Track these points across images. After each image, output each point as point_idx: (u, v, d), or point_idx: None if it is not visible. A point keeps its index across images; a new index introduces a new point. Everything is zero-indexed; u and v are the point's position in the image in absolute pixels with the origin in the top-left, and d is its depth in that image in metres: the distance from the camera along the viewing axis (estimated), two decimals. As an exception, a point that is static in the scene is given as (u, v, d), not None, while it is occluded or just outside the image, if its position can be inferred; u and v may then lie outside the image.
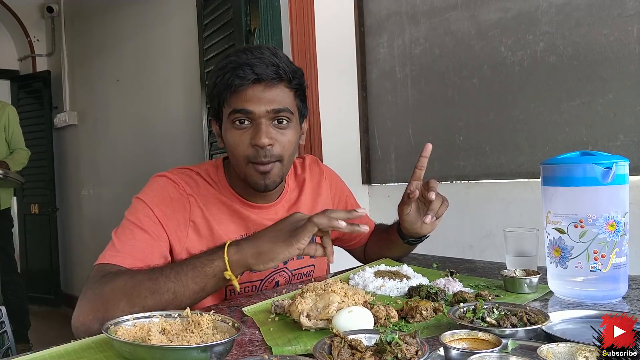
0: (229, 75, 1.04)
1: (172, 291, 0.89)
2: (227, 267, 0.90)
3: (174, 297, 0.89)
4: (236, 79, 1.03)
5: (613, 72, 1.68)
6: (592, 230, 0.90)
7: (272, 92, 1.05)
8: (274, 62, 1.05)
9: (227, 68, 1.05)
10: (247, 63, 1.03)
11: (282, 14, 2.32)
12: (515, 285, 1.00)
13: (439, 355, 0.66)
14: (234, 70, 1.04)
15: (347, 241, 1.46)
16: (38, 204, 4.86)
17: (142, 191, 1.11)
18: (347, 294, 0.85)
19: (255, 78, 1.03)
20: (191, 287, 0.90)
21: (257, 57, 1.04)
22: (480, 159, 2.06)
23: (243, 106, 1.04)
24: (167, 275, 0.90)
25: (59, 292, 4.91)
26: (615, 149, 1.66)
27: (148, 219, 1.05)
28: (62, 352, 0.75)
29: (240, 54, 1.06)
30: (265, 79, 1.04)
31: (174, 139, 3.40)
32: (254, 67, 1.03)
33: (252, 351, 0.75)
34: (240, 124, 1.06)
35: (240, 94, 1.04)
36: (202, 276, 0.90)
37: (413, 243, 1.30)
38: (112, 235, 1.05)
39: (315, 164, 1.38)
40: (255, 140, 1.04)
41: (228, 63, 1.06)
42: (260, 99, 1.04)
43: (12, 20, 4.96)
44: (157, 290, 0.89)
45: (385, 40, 2.44)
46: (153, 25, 3.56)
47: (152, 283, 0.90)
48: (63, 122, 4.68)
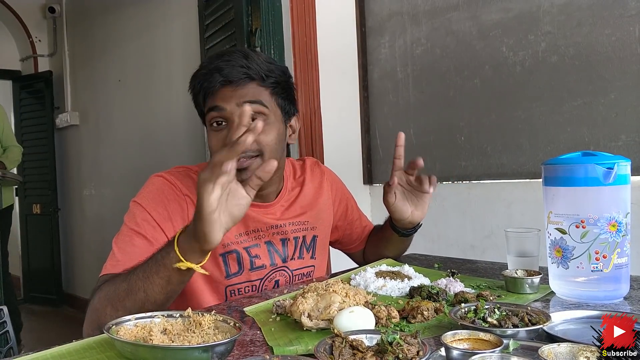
0: (199, 80, 1.09)
1: (143, 289, 0.88)
2: (180, 257, 0.85)
3: (145, 295, 0.88)
4: (205, 82, 1.07)
5: (615, 72, 1.68)
6: (593, 230, 0.90)
7: (242, 90, 1.07)
8: (243, 64, 1.07)
9: (199, 75, 1.10)
10: (216, 68, 1.07)
11: (283, 14, 2.32)
12: (517, 286, 1.00)
13: (440, 355, 0.66)
14: (204, 76, 1.08)
15: (346, 244, 1.47)
16: (40, 204, 4.87)
17: (139, 193, 1.11)
18: (348, 294, 0.85)
19: (221, 80, 1.06)
20: (157, 282, 0.88)
21: (226, 60, 1.07)
22: (482, 159, 2.06)
23: (216, 103, 1.07)
24: (137, 274, 0.90)
25: (61, 292, 4.92)
26: (617, 149, 1.66)
27: (146, 222, 1.06)
28: (64, 351, 0.75)
29: (212, 59, 1.10)
30: (233, 80, 1.06)
31: (175, 139, 3.40)
32: (221, 70, 1.06)
33: (254, 351, 0.75)
34: (217, 125, 1.08)
35: (215, 95, 1.08)
36: (164, 269, 0.87)
37: (407, 234, 1.29)
38: (113, 244, 1.06)
39: (316, 165, 1.39)
40: (229, 137, 1.01)
41: (200, 69, 1.11)
42: (230, 97, 1.07)
43: (14, 20, 4.97)
44: (131, 290, 0.89)
45: (386, 40, 2.44)
46: (154, 26, 3.56)
47: (126, 284, 0.90)
48: (65, 123, 4.68)
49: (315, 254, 1.29)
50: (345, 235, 1.44)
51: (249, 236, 1.18)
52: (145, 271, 0.89)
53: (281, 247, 1.22)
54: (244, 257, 1.16)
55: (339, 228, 1.42)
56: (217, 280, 1.16)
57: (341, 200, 1.41)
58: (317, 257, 1.30)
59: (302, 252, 1.26)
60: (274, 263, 1.20)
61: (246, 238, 1.17)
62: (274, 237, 1.21)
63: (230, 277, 1.16)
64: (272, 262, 1.20)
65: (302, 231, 1.26)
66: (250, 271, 1.17)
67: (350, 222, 1.43)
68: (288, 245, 1.23)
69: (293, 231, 1.24)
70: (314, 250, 1.29)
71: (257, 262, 1.18)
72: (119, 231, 1.07)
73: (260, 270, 1.19)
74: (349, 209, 1.43)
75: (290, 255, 1.24)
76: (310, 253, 1.28)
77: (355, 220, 1.44)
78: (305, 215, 1.27)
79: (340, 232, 1.42)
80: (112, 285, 0.93)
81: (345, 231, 1.43)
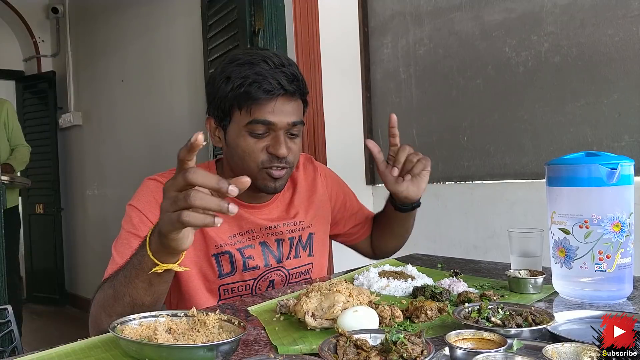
0: (256, 86, 1.04)
1: (128, 294, 0.87)
2: (155, 261, 0.81)
3: (131, 299, 0.87)
4: (261, 92, 1.04)
5: (618, 73, 1.68)
6: (597, 230, 0.90)
7: (291, 105, 1.08)
8: (297, 77, 1.08)
9: (250, 77, 1.04)
10: (272, 75, 1.04)
11: (286, 15, 2.32)
12: (520, 286, 1.00)
13: (444, 354, 0.67)
14: (259, 82, 1.03)
15: (351, 235, 1.44)
16: (43, 204, 4.88)
17: (134, 197, 1.12)
18: (352, 293, 0.85)
19: (281, 93, 1.05)
20: (140, 286, 0.86)
21: (279, 68, 1.05)
22: (485, 160, 2.06)
23: (266, 117, 1.06)
24: (119, 279, 0.89)
25: (64, 292, 4.93)
26: (620, 149, 1.66)
27: (142, 224, 1.07)
28: (69, 350, 0.76)
29: (261, 62, 1.05)
30: (287, 94, 1.06)
31: (178, 139, 3.40)
32: (280, 80, 1.04)
33: (258, 350, 0.76)
34: (258, 132, 1.07)
35: (263, 106, 1.05)
36: (142, 273, 0.84)
37: (404, 210, 1.27)
38: (112, 249, 1.06)
39: (308, 162, 1.37)
40: (275, 150, 1.07)
41: (250, 70, 1.04)
42: (281, 112, 1.06)
43: (17, 21, 4.98)
44: (117, 296, 0.88)
45: (389, 40, 2.44)
46: (158, 26, 3.57)
47: (113, 290, 0.89)
48: (68, 123, 4.69)
49: (313, 252, 1.28)
50: (348, 228, 1.42)
51: (243, 237, 1.17)
52: (126, 276, 0.87)
53: (276, 248, 1.21)
54: (236, 258, 1.16)
55: (340, 221, 1.40)
56: (210, 279, 1.16)
57: (337, 193, 1.39)
58: (315, 254, 1.29)
59: (299, 251, 1.25)
60: (268, 264, 1.20)
61: (240, 239, 1.17)
62: (268, 237, 1.20)
63: (223, 277, 1.16)
64: (266, 262, 1.19)
65: (297, 231, 1.25)
66: (243, 272, 1.17)
67: (352, 214, 1.41)
68: (283, 246, 1.22)
69: (288, 232, 1.23)
70: (311, 247, 1.28)
71: (251, 263, 1.17)
72: (118, 236, 1.08)
73: (254, 270, 1.18)
74: (348, 201, 1.41)
75: (285, 255, 1.23)
76: (307, 251, 1.27)
77: (357, 212, 1.43)
78: (300, 214, 1.26)
79: (342, 225, 1.40)
80: (103, 291, 0.94)
81: (346, 224, 1.41)
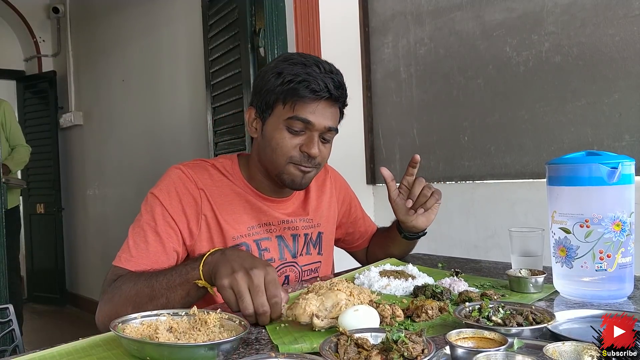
0: (304, 84, 1.08)
1: (165, 297, 0.96)
2: (201, 276, 0.94)
3: (166, 302, 0.96)
4: (308, 92, 1.07)
5: (618, 72, 1.68)
6: (597, 230, 0.90)
7: (331, 110, 1.12)
8: (342, 86, 1.12)
9: (301, 76, 1.08)
10: (321, 78, 1.08)
11: (287, 15, 2.32)
12: (521, 285, 1.00)
13: (445, 353, 0.67)
14: (308, 82, 1.08)
15: (349, 243, 1.49)
16: (43, 203, 4.88)
17: (157, 185, 1.15)
18: (352, 293, 0.85)
19: (327, 97, 1.09)
20: (179, 293, 0.96)
21: (328, 74, 1.10)
22: (485, 159, 2.06)
23: (307, 117, 1.09)
24: (161, 282, 0.97)
25: (65, 291, 4.93)
26: (621, 149, 1.66)
27: (161, 218, 1.10)
28: (71, 349, 0.76)
29: (313, 65, 1.10)
30: (332, 98, 1.10)
31: (179, 139, 3.41)
32: (328, 84, 1.08)
33: (259, 349, 0.76)
34: (295, 129, 1.10)
35: (307, 105, 1.09)
36: (186, 283, 0.96)
37: (410, 238, 1.32)
38: (129, 232, 1.11)
39: None
40: (308, 149, 1.11)
41: (302, 70, 1.09)
42: (322, 114, 1.10)
43: (17, 20, 4.98)
44: (154, 297, 0.97)
45: (390, 40, 2.44)
46: (158, 26, 3.57)
47: (150, 290, 0.97)
48: (68, 122, 4.70)
49: (322, 250, 1.32)
50: (349, 234, 1.47)
51: (261, 229, 1.20)
52: (169, 281, 0.97)
53: (292, 243, 1.25)
54: (252, 249, 1.18)
55: (342, 226, 1.44)
56: None
57: (344, 198, 1.43)
58: (323, 253, 1.32)
59: (309, 248, 1.29)
60: (283, 257, 1.23)
61: (258, 231, 1.20)
62: (284, 232, 1.24)
63: None
64: (281, 256, 1.22)
65: (310, 228, 1.29)
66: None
67: (354, 220, 1.46)
68: (298, 241, 1.26)
69: (303, 227, 1.27)
70: (320, 246, 1.31)
71: (266, 255, 1.20)
72: (136, 219, 1.12)
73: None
74: (352, 208, 1.45)
75: (299, 250, 1.26)
76: (317, 249, 1.30)
77: (359, 219, 1.47)
78: (311, 213, 1.30)
79: (343, 230, 1.45)
80: (134, 287, 0.99)
81: (348, 229, 1.46)
